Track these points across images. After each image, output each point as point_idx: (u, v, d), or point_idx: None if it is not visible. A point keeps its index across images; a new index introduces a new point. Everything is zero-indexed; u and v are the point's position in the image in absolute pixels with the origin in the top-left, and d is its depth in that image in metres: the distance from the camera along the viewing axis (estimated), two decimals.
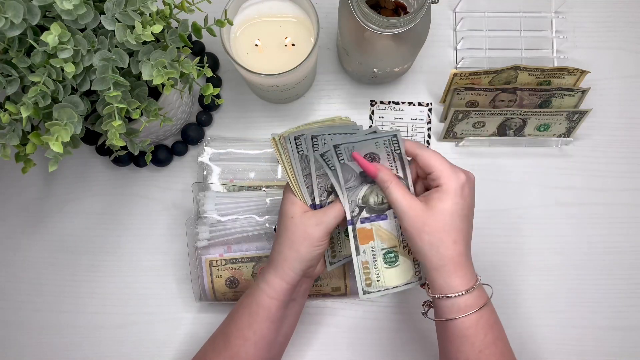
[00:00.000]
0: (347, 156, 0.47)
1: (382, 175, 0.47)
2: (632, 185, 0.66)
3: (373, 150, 0.47)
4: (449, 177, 0.45)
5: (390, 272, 0.50)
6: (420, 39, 0.57)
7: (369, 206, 0.49)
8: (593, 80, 0.65)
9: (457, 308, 0.45)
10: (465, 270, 0.45)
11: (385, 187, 0.47)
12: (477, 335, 0.45)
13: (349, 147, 0.47)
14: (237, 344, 0.49)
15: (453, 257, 0.45)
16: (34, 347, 0.64)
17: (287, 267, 0.49)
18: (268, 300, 0.49)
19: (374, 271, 0.50)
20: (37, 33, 0.44)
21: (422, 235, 0.45)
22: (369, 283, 0.50)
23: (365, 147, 0.47)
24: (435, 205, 0.45)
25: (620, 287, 0.65)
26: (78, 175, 0.66)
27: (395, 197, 0.46)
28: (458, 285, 0.45)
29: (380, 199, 0.49)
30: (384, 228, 0.49)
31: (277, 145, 0.48)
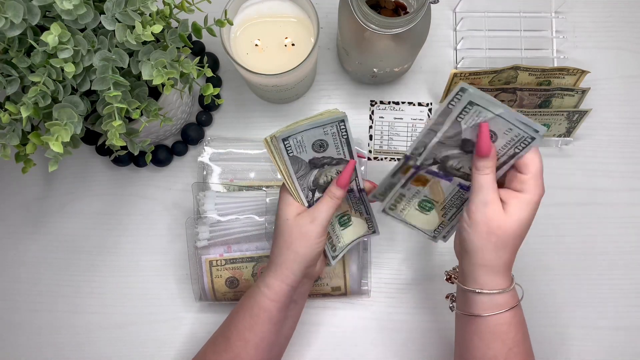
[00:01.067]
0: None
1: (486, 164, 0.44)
2: (632, 185, 0.66)
3: (321, 137, 0.47)
4: (536, 188, 0.44)
5: (417, 214, 0.52)
6: (420, 39, 0.57)
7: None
8: (593, 80, 0.65)
9: (495, 304, 0.45)
10: (508, 272, 0.46)
11: (482, 171, 0.44)
12: (510, 332, 0.45)
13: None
14: (238, 345, 0.49)
15: (507, 262, 0.45)
16: (33, 347, 0.64)
17: (286, 269, 0.49)
18: (269, 303, 0.49)
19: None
20: (37, 33, 0.44)
21: (491, 235, 0.44)
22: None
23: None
24: (515, 212, 0.44)
25: (621, 287, 0.65)
26: (78, 175, 0.66)
27: (486, 186, 0.44)
28: (499, 283, 0.45)
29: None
30: (441, 185, 0.50)
31: (270, 146, 0.48)
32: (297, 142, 0.47)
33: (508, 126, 0.43)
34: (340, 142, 0.48)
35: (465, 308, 0.47)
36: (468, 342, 0.47)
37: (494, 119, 0.43)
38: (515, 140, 0.44)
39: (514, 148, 0.44)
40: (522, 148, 0.44)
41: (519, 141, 0.44)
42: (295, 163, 0.48)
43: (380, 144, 0.67)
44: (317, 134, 0.47)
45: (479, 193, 0.44)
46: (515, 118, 0.42)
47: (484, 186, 0.44)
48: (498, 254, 0.44)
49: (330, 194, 0.49)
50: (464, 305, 0.48)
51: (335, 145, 0.48)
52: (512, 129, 0.43)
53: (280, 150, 0.47)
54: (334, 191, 0.49)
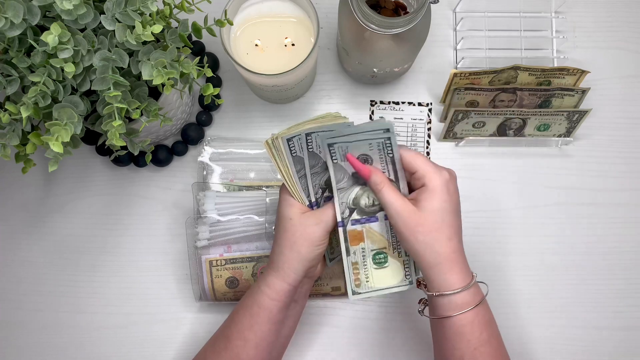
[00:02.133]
0: (340, 156, 0.47)
1: (375, 178, 0.47)
2: (632, 185, 0.66)
3: (366, 152, 0.47)
4: (433, 176, 0.46)
5: (379, 273, 0.50)
6: (420, 39, 0.57)
7: (359, 208, 0.49)
8: (593, 80, 0.65)
9: (454, 305, 0.45)
10: (461, 266, 0.46)
11: (378, 189, 0.47)
12: (473, 332, 0.45)
13: (342, 147, 0.47)
14: (238, 345, 0.49)
15: (448, 254, 0.45)
16: (33, 347, 0.64)
17: (288, 269, 0.49)
18: (269, 302, 0.49)
19: (363, 272, 0.50)
20: (37, 33, 0.44)
21: (416, 235, 0.45)
22: (358, 284, 0.50)
23: (358, 148, 0.47)
24: (424, 205, 0.45)
25: (620, 287, 0.65)
26: (78, 175, 0.66)
27: (388, 199, 0.46)
28: (455, 282, 0.45)
29: (372, 201, 0.49)
30: (374, 230, 0.50)
31: (271, 148, 0.48)
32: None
33: (367, 142, 0.46)
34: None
35: (431, 311, 0.48)
36: (438, 343, 0.48)
37: (354, 144, 0.46)
38: (382, 149, 0.47)
39: (386, 155, 0.47)
40: (391, 149, 0.47)
41: (384, 147, 0.47)
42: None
43: None
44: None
45: (388, 208, 0.46)
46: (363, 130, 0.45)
47: (387, 199, 0.46)
48: (434, 249, 0.45)
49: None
50: (430, 309, 0.49)
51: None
52: (371, 142, 0.46)
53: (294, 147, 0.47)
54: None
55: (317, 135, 0.47)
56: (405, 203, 0.46)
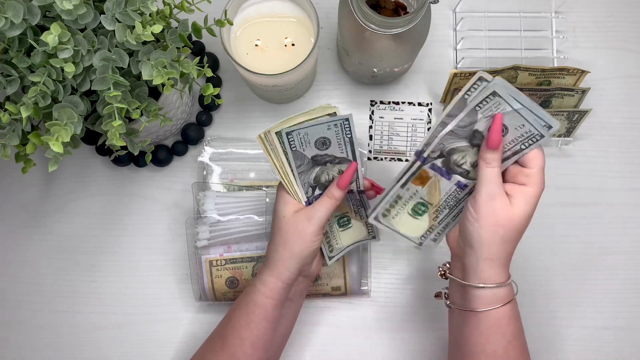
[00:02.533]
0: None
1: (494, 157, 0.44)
2: (632, 185, 0.66)
3: (324, 135, 0.47)
4: (540, 183, 0.44)
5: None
6: (420, 39, 0.57)
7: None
8: (593, 80, 0.65)
9: (496, 298, 0.45)
10: (508, 267, 0.46)
11: (490, 164, 0.44)
12: (509, 325, 0.46)
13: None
14: (234, 343, 0.49)
15: (510, 255, 0.46)
16: (33, 347, 0.64)
17: (282, 267, 0.49)
18: (264, 300, 0.49)
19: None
20: (37, 33, 0.44)
21: (499, 228, 0.44)
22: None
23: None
24: (521, 204, 0.44)
25: (621, 287, 0.65)
26: (78, 175, 0.66)
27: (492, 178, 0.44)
28: (502, 276, 0.45)
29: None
30: (439, 185, 0.50)
31: (264, 142, 0.48)
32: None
33: (521, 122, 0.43)
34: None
35: (463, 303, 0.47)
36: (466, 338, 0.47)
37: (510, 112, 0.43)
38: (525, 137, 0.44)
39: (520, 144, 0.45)
40: (529, 145, 0.44)
41: (527, 138, 0.44)
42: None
43: (380, 144, 0.67)
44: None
45: (485, 186, 0.44)
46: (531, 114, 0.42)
47: (491, 179, 0.44)
48: (504, 246, 0.45)
49: (330, 194, 0.49)
50: (462, 301, 0.48)
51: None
52: (525, 125, 0.43)
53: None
54: (334, 192, 0.49)
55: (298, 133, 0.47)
56: (504, 193, 0.44)
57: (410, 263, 0.65)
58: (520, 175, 0.45)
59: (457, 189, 0.49)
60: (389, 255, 0.65)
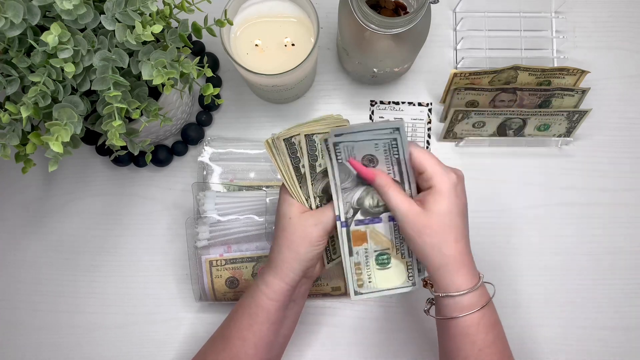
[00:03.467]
0: (345, 155, 0.47)
1: (380, 180, 0.47)
2: (632, 185, 0.66)
3: (372, 152, 0.47)
4: (441, 178, 0.45)
5: (382, 274, 0.50)
6: (420, 39, 0.57)
7: (363, 208, 0.49)
8: (593, 80, 0.65)
9: (460, 306, 0.45)
10: (468, 268, 0.46)
11: (384, 191, 0.46)
12: (479, 334, 0.45)
13: (348, 147, 0.46)
14: (237, 345, 0.49)
15: (455, 256, 0.45)
16: (33, 347, 0.63)
17: (286, 268, 0.49)
18: (267, 302, 0.49)
19: (365, 272, 0.50)
20: (37, 33, 0.44)
21: (423, 237, 0.45)
22: (361, 284, 0.50)
23: (364, 148, 0.46)
24: (432, 207, 0.45)
25: (621, 287, 0.64)
26: (78, 175, 0.66)
27: (394, 201, 0.46)
28: (462, 284, 0.45)
29: (376, 202, 0.48)
30: (378, 231, 0.49)
31: (271, 147, 0.48)
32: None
33: (374, 142, 0.45)
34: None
35: (437, 312, 0.48)
36: (443, 344, 0.48)
37: (360, 144, 0.45)
38: (388, 149, 0.46)
39: (392, 156, 0.46)
40: (397, 150, 0.46)
41: (390, 148, 0.46)
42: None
43: None
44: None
45: (395, 210, 0.46)
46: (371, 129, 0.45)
47: (393, 202, 0.46)
48: (441, 251, 0.45)
49: None
50: (437, 309, 0.48)
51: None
52: (378, 142, 0.45)
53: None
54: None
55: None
56: (412, 205, 0.46)
57: None
58: (420, 181, 0.47)
59: (394, 222, 0.49)
60: None
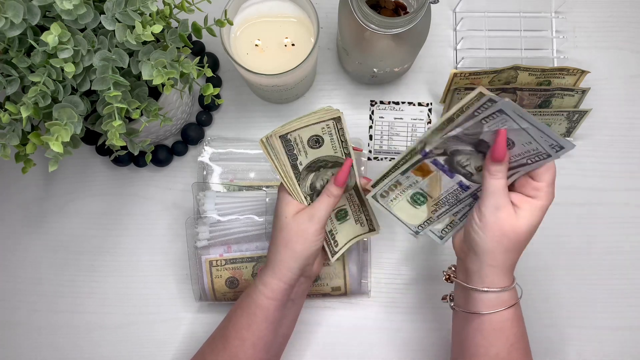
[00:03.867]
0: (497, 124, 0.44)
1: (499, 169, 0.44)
2: (632, 185, 0.66)
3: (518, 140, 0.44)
4: (548, 196, 0.45)
5: (405, 205, 0.52)
6: (420, 39, 0.57)
7: (451, 159, 0.48)
8: (593, 80, 0.65)
9: (500, 301, 0.46)
10: (512, 273, 0.47)
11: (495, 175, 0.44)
12: (512, 328, 0.46)
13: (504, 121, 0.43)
14: (235, 344, 0.49)
15: (514, 263, 0.47)
16: (32, 347, 0.63)
17: (283, 267, 0.49)
18: (266, 301, 0.49)
19: (396, 192, 0.51)
20: (37, 33, 0.44)
21: (503, 238, 0.45)
22: (384, 195, 0.52)
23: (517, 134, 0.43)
24: (527, 216, 0.44)
25: (621, 287, 0.65)
26: (78, 175, 0.66)
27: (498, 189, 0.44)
28: (506, 281, 0.46)
29: (466, 164, 0.48)
30: (441, 180, 0.50)
31: (266, 146, 0.48)
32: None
33: (528, 139, 0.43)
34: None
35: (467, 306, 0.48)
36: (469, 340, 0.47)
37: (517, 130, 0.43)
38: (531, 153, 0.44)
39: (527, 159, 0.45)
40: (536, 161, 0.44)
41: (534, 154, 0.44)
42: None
43: (380, 144, 0.67)
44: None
45: (491, 197, 0.45)
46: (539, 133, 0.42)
47: (496, 190, 0.45)
48: (508, 255, 0.45)
49: (328, 193, 0.50)
50: (465, 303, 0.48)
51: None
52: (532, 143, 0.43)
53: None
54: (332, 190, 0.50)
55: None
56: (509, 204, 0.45)
57: (410, 263, 0.65)
58: (528, 187, 0.45)
59: (459, 188, 0.49)
60: (389, 255, 0.65)
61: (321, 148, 0.49)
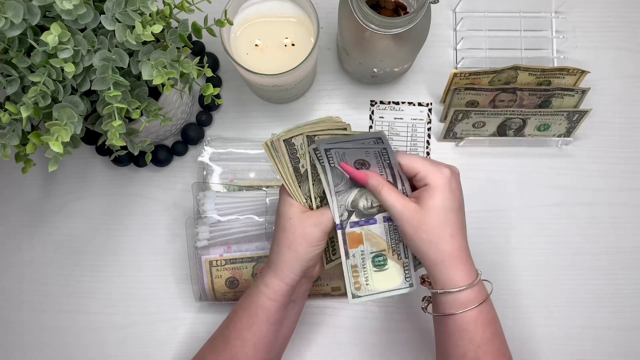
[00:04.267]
0: (336, 160, 0.47)
1: (373, 181, 0.47)
2: (632, 185, 0.66)
3: (363, 157, 0.47)
4: (434, 175, 0.46)
5: (379, 275, 0.49)
6: (420, 39, 0.57)
7: (358, 210, 0.48)
8: (593, 80, 0.65)
9: (458, 303, 0.45)
10: (466, 264, 0.46)
11: (378, 191, 0.47)
12: (477, 330, 0.45)
13: (339, 152, 0.47)
14: (236, 345, 0.49)
15: (453, 252, 0.45)
16: (35, 347, 0.64)
17: (286, 268, 0.49)
18: (267, 302, 0.49)
19: (362, 275, 0.49)
20: (37, 33, 0.44)
21: (420, 234, 0.45)
22: (358, 287, 0.49)
23: (355, 154, 0.47)
24: (427, 203, 0.45)
25: (620, 287, 0.64)
26: (78, 175, 0.66)
27: (389, 200, 0.46)
28: (459, 280, 0.45)
29: (370, 203, 0.48)
30: (373, 232, 0.49)
31: (270, 149, 0.48)
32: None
33: (364, 150, 0.47)
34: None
35: (434, 309, 0.48)
36: (440, 340, 0.48)
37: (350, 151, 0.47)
38: (378, 155, 0.48)
39: (383, 161, 0.48)
40: (387, 156, 0.48)
41: (380, 154, 0.48)
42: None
43: None
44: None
45: (390, 208, 0.46)
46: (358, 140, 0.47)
47: (388, 200, 0.46)
48: (438, 247, 0.45)
49: None
50: (434, 306, 0.49)
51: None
52: (368, 150, 0.47)
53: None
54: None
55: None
56: (407, 202, 0.46)
57: None
58: (417, 183, 0.47)
59: (389, 223, 0.49)
60: None
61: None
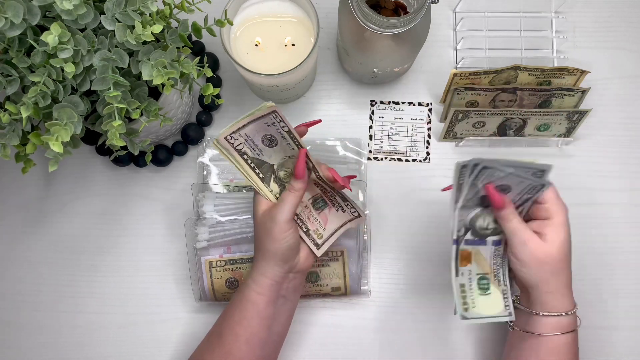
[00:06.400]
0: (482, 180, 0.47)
1: (507, 213, 0.48)
2: (632, 185, 0.66)
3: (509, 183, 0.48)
4: (560, 210, 0.49)
5: (483, 299, 0.51)
6: (420, 39, 0.57)
7: (474, 229, 0.50)
8: (593, 80, 0.65)
9: (559, 326, 0.49)
10: (571, 291, 0.50)
11: (507, 219, 0.48)
12: (567, 353, 0.49)
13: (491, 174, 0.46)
14: (230, 340, 0.50)
15: (567, 282, 0.50)
16: (33, 347, 0.63)
17: (264, 264, 0.50)
18: (256, 296, 0.50)
19: (469, 296, 0.51)
20: (37, 33, 0.44)
21: (544, 265, 0.48)
22: (466, 308, 0.50)
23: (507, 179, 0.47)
24: (553, 237, 0.48)
25: (621, 287, 0.64)
26: (78, 175, 0.66)
27: (516, 228, 0.48)
28: (567, 305, 0.49)
29: (486, 224, 0.50)
30: (481, 253, 0.51)
31: (220, 149, 0.48)
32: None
33: (519, 179, 0.47)
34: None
35: (526, 327, 0.50)
36: (523, 357, 0.51)
37: (506, 176, 0.46)
38: (528, 189, 0.48)
39: (526, 194, 0.48)
40: (534, 194, 0.49)
41: (530, 189, 0.48)
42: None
43: (380, 144, 0.67)
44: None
45: (514, 237, 0.48)
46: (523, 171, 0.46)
47: (514, 230, 0.48)
48: (558, 278, 0.49)
49: (291, 187, 0.50)
50: (524, 324, 0.51)
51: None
52: (523, 181, 0.47)
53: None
54: (294, 184, 0.50)
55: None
56: (533, 235, 0.48)
57: (410, 263, 0.65)
58: (540, 211, 0.49)
59: (496, 247, 0.51)
60: (389, 256, 0.65)
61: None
